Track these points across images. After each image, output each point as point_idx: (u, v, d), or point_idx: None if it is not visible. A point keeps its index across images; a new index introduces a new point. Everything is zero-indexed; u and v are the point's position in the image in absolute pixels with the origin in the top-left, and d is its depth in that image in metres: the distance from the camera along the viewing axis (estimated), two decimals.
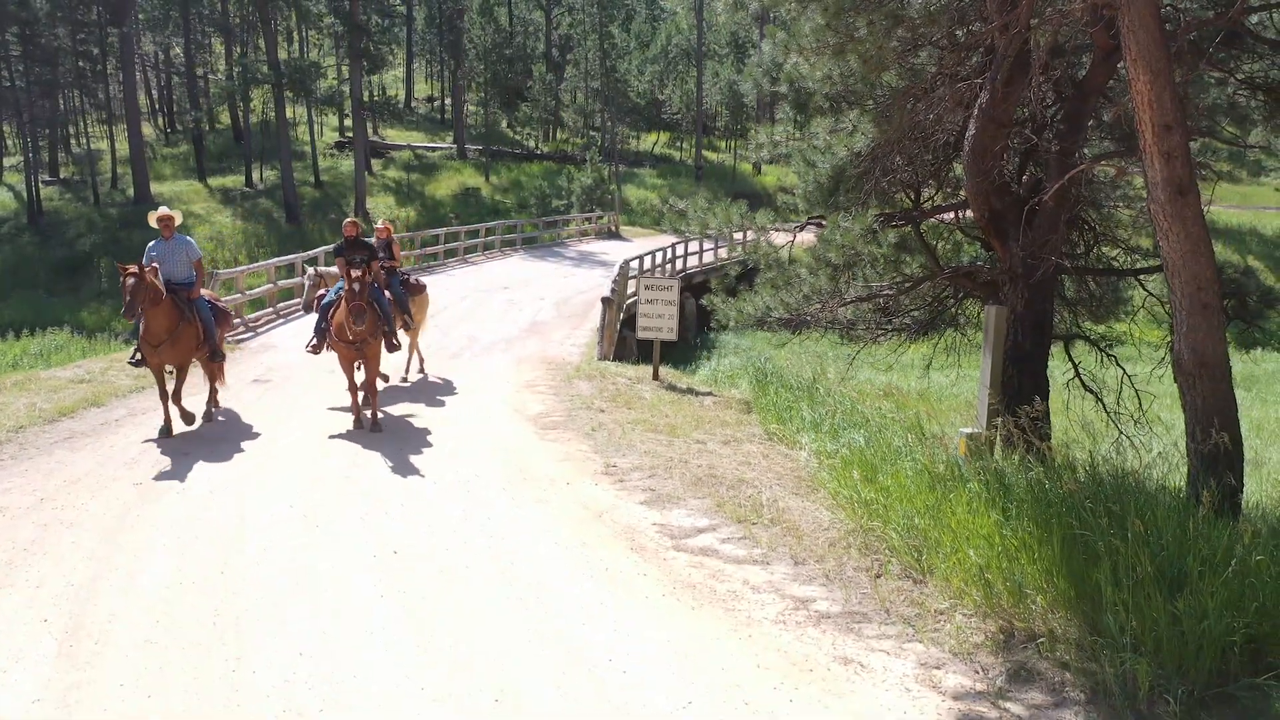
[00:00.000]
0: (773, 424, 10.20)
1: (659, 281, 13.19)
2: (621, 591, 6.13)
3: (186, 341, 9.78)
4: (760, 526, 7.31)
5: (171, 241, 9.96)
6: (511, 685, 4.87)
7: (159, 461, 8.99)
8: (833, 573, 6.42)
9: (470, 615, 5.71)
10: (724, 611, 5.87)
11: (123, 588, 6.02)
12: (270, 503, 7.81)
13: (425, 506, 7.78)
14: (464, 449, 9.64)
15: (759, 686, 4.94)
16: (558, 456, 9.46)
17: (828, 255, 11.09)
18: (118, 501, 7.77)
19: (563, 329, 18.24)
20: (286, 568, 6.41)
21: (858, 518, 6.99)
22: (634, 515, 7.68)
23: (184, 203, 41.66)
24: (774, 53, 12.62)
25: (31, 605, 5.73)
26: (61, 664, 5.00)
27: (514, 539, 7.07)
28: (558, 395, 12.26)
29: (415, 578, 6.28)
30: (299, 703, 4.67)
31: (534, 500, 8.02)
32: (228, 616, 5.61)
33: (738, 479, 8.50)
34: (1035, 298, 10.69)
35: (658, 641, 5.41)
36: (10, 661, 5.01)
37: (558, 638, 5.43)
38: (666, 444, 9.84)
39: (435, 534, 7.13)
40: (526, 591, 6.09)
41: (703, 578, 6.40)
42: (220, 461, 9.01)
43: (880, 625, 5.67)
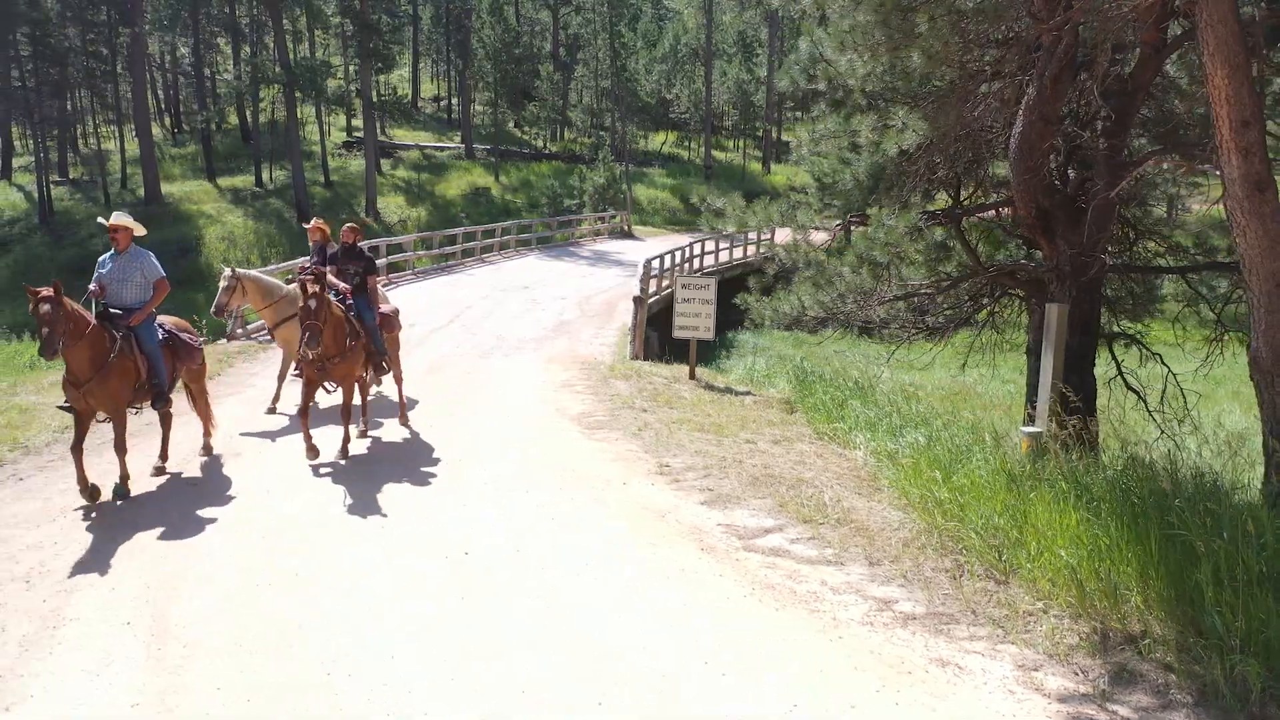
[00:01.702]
0: (822, 423, 10.12)
1: (696, 280, 13.13)
2: (702, 593, 6.06)
3: (119, 381, 7.67)
4: (828, 526, 7.25)
5: (126, 256, 8.10)
6: (612, 689, 4.81)
7: (208, 463, 8.93)
8: (911, 573, 6.36)
9: (553, 618, 5.64)
10: (808, 613, 5.80)
11: (199, 589, 5.96)
12: (329, 503, 7.75)
13: (486, 507, 7.72)
14: (512, 449, 9.57)
15: (861, 689, 4.88)
16: (608, 457, 9.40)
17: (872, 253, 11.02)
18: (176, 502, 7.71)
19: (589, 328, 18.18)
20: (360, 569, 6.34)
21: (930, 517, 6.92)
22: (697, 515, 7.62)
23: (194, 203, 41.63)
24: (812, 50, 12.55)
25: (110, 607, 5.67)
26: (152, 667, 4.94)
27: (582, 540, 7.01)
28: (596, 395, 12.20)
29: (492, 579, 6.21)
30: (403, 707, 4.61)
31: (593, 501, 7.95)
32: (312, 619, 5.55)
33: (796, 479, 8.44)
34: (1082, 296, 10.65)
35: (749, 644, 5.35)
36: (100, 665, 4.95)
37: (646, 640, 5.37)
38: (716, 444, 9.78)
39: (502, 534, 7.06)
40: (606, 593, 6.03)
41: (780, 579, 6.33)
42: (275, 461, 8.95)
43: (969, 626, 5.61)
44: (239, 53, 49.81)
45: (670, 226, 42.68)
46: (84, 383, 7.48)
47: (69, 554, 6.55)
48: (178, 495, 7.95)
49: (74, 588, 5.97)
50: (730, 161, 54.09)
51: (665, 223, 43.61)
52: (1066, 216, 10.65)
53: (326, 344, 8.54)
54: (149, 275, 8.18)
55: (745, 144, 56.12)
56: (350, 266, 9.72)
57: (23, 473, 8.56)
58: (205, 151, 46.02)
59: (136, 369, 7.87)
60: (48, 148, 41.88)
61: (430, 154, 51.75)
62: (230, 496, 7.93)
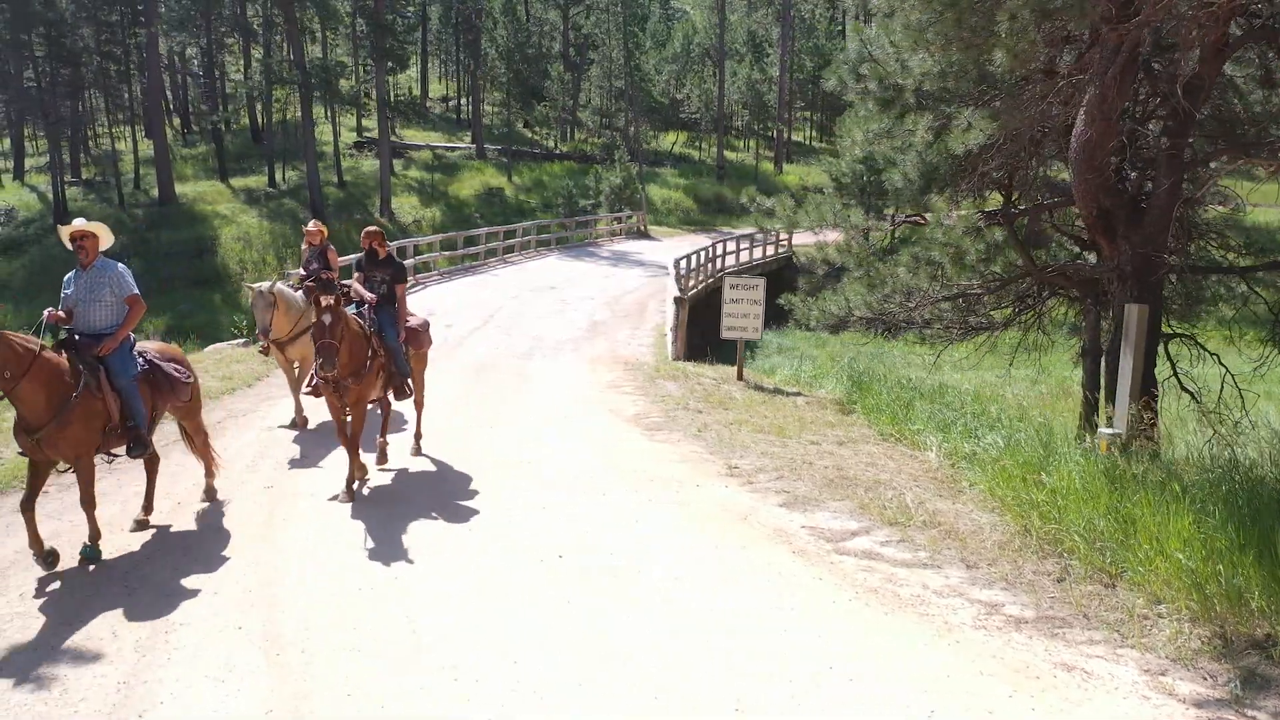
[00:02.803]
0: (886, 425, 10.06)
1: (744, 280, 13.07)
2: (804, 596, 6.00)
3: (83, 426, 6.25)
4: (915, 529, 7.19)
5: (93, 270, 6.63)
6: (746, 694, 4.75)
7: (279, 465, 8.88)
8: (1012, 576, 6.30)
9: (660, 623, 5.58)
10: (918, 617, 5.75)
11: (301, 594, 5.91)
12: (404, 512, 7.70)
13: (566, 510, 7.66)
14: (577, 451, 9.51)
15: (993, 694, 4.82)
16: (674, 458, 9.34)
17: (930, 253, 10.96)
18: (256, 506, 7.66)
19: (623, 329, 18.13)
20: (455, 574, 6.29)
21: (1025, 520, 6.86)
22: (779, 518, 7.56)
23: (208, 203, 41.56)
24: (861, 50, 12.49)
25: (218, 613, 5.61)
26: (277, 674, 4.88)
27: (670, 542, 6.95)
28: (647, 396, 12.14)
29: (591, 584, 6.15)
30: (539, 713, 4.55)
31: (672, 503, 7.90)
32: (423, 623, 5.49)
33: (873, 480, 8.38)
34: (1145, 296, 10.58)
35: (870, 648, 5.29)
36: (225, 671, 4.89)
37: (765, 644, 5.31)
38: (781, 445, 9.72)
39: (592, 536, 7.01)
40: (710, 596, 5.97)
41: (880, 582, 6.28)
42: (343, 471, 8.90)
43: (1083, 630, 5.55)
44: (249, 53, 49.76)
45: (685, 227, 42.61)
46: (38, 429, 6.10)
47: (163, 559, 6.49)
48: (253, 494, 7.89)
49: (179, 591, 5.91)
50: (741, 161, 54.02)
51: (680, 223, 43.53)
52: (1127, 216, 10.58)
53: (342, 364, 7.51)
54: (120, 292, 6.67)
55: (756, 144, 56.02)
56: (376, 274, 8.59)
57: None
58: (218, 152, 45.96)
59: (106, 409, 6.43)
60: (61, 148, 41.80)
61: (441, 154, 51.68)
62: (313, 500, 7.87)
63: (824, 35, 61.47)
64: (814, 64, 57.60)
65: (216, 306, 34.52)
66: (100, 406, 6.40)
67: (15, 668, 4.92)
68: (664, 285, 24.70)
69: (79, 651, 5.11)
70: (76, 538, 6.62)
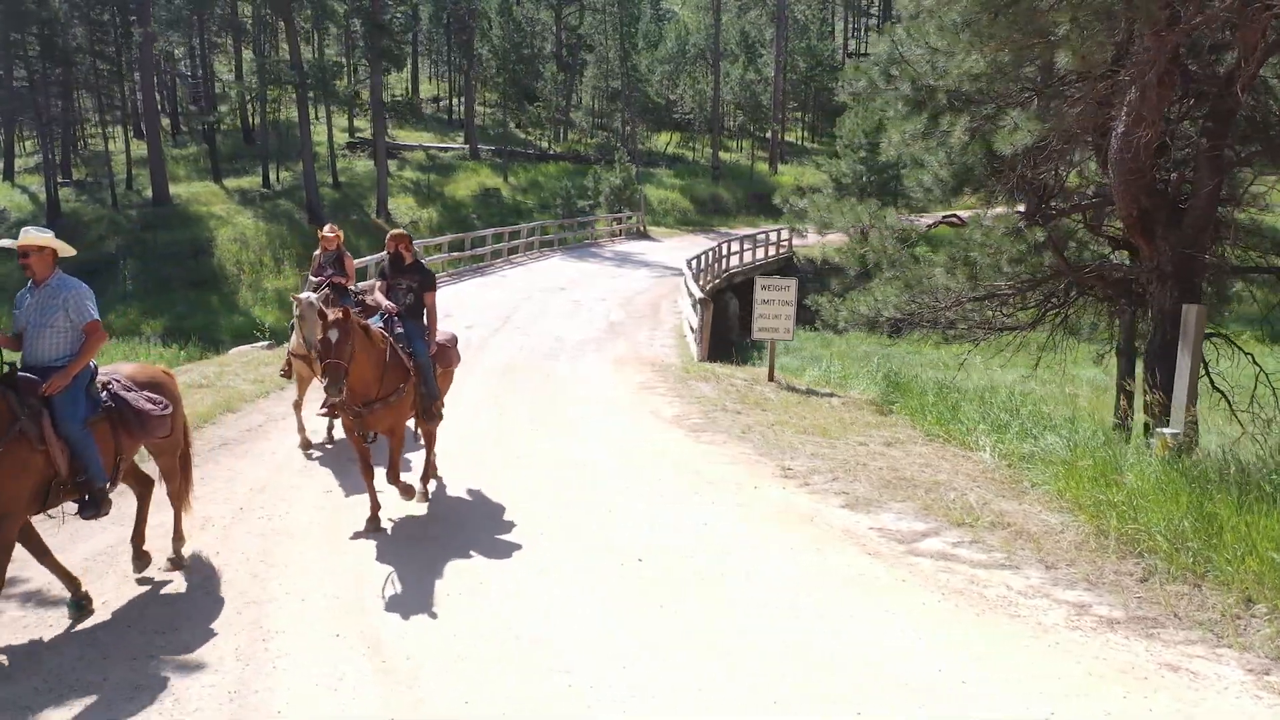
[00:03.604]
0: (932, 425, 10.08)
1: (776, 282, 13.07)
2: (893, 599, 5.99)
3: (11, 479, 5.15)
4: (984, 530, 7.20)
5: (45, 290, 5.56)
6: (864, 700, 4.73)
7: (335, 469, 8.81)
8: (1093, 577, 6.31)
9: (757, 627, 5.56)
10: (1009, 618, 5.74)
11: (387, 599, 5.85)
12: (475, 506, 7.65)
13: (631, 512, 7.62)
14: (627, 452, 9.48)
15: (1106, 695, 4.82)
16: (723, 459, 9.33)
17: (969, 254, 11.00)
18: (318, 510, 7.59)
19: (641, 330, 18.10)
20: (538, 578, 6.25)
21: (1100, 520, 6.88)
22: (844, 519, 7.56)
23: (203, 204, 41.25)
24: (891, 51, 12.52)
25: (309, 620, 5.55)
26: (387, 682, 4.83)
27: (744, 544, 6.93)
28: (682, 397, 12.12)
29: (677, 588, 6.12)
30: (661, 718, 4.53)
31: (735, 505, 7.88)
32: (518, 628, 5.45)
33: (930, 481, 8.39)
34: (1184, 296, 10.65)
35: (972, 650, 5.29)
36: (335, 680, 4.84)
37: (869, 649, 5.30)
38: (829, 446, 9.72)
39: (665, 539, 6.97)
40: (798, 599, 5.95)
41: (963, 583, 6.28)
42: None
43: (1177, 631, 5.56)
44: (241, 53, 49.43)
45: (683, 227, 42.62)
46: None
47: (239, 565, 6.43)
48: (312, 499, 7.82)
49: (264, 598, 5.85)
50: (735, 162, 54.07)
51: (677, 223, 43.54)
52: (1167, 217, 10.66)
53: (362, 385, 6.75)
54: (77, 318, 5.56)
55: (750, 145, 56.08)
56: (402, 281, 7.70)
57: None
58: (211, 152, 45.64)
59: (47, 460, 5.30)
60: (53, 149, 41.39)
61: (434, 154, 51.46)
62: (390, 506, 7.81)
63: (816, 36, 61.63)
64: (807, 65, 57.80)
65: (214, 308, 34.29)
66: (39, 460, 5.24)
67: (121, 677, 4.85)
68: (673, 286, 24.71)
69: (180, 661, 5.04)
70: (158, 542, 6.51)
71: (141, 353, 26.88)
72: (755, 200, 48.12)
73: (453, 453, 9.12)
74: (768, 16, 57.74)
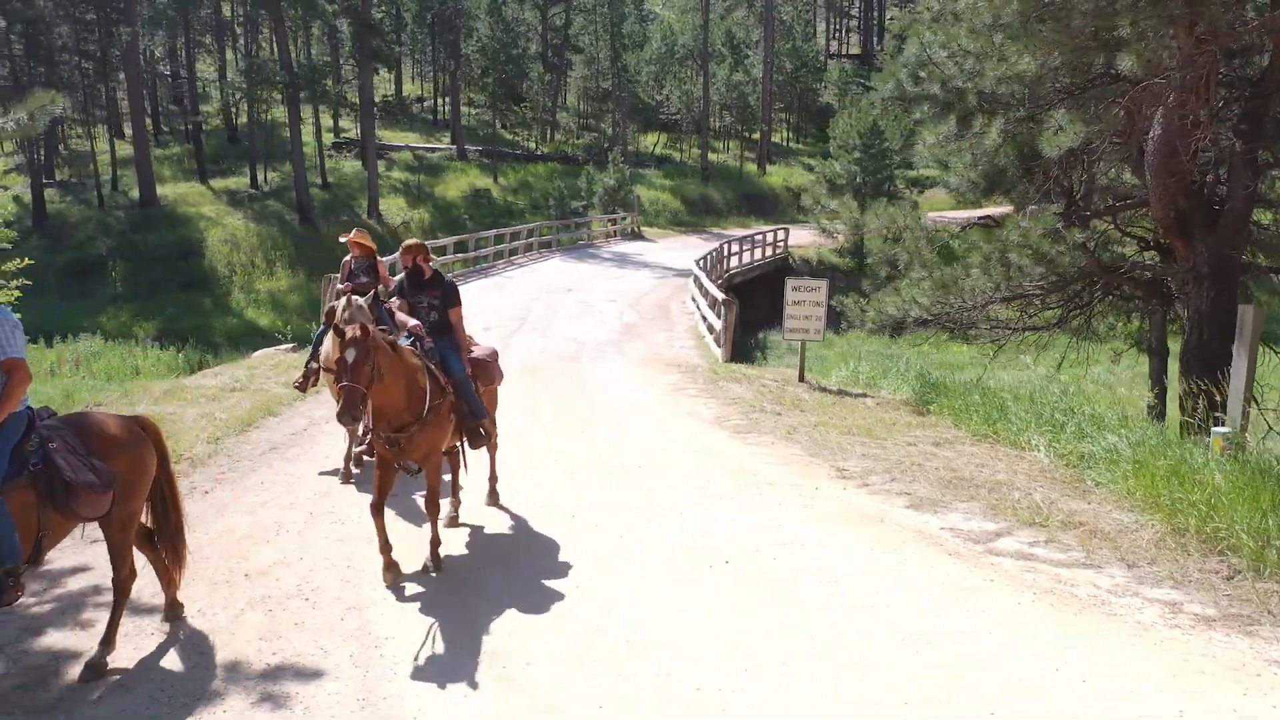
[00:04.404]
0: (979, 425, 10.14)
1: (807, 283, 13.12)
2: (986, 599, 6.01)
3: None
4: (1057, 529, 7.24)
5: None
6: (994, 703, 4.75)
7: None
8: (1178, 575, 6.37)
9: (863, 629, 5.56)
10: (1106, 617, 5.78)
11: (488, 608, 5.81)
12: (543, 512, 7.62)
13: (699, 514, 7.61)
14: (677, 454, 9.47)
15: (1226, 693, 4.86)
16: (775, 460, 9.35)
17: (1006, 255, 11.08)
18: (391, 516, 7.51)
19: (656, 331, 18.11)
20: (629, 581, 6.23)
21: (1176, 519, 6.94)
22: (914, 520, 7.59)
23: (191, 205, 40.80)
24: (920, 53, 12.58)
25: (415, 626, 5.51)
26: (513, 686, 4.80)
27: (823, 546, 6.93)
28: (716, 399, 12.13)
29: (774, 590, 6.11)
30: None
31: (801, 506, 7.88)
32: (623, 633, 5.43)
33: (990, 481, 8.44)
34: (1221, 297, 10.78)
35: (1080, 649, 5.31)
36: (459, 685, 4.80)
37: (978, 650, 5.32)
38: (878, 447, 9.76)
39: (744, 541, 6.96)
40: (895, 601, 5.96)
41: (1050, 583, 6.31)
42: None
43: (1274, 628, 5.62)
44: (224, 53, 48.97)
45: (675, 227, 42.68)
46: None
47: (325, 572, 6.36)
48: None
49: (362, 603, 5.79)
50: (724, 162, 54.19)
51: (669, 223, 43.59)
52: (1203, 219, 10.78)
53: (394, 409, 6.11)
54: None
55: (739, 145, 56.20)
56: (423, 298, 7.02)
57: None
58: (197, 153, 45.18)
59: None
60: (38, 149, 40.80)
61: (421, 155, 51.18)
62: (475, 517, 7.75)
63: (801, 38, 61.90)
64: (793, 65, 58.04)
65: (207, 310, 33.94)
66: None
67: (243, 686, 4.79)
68: (677, 286, 24.76)
69: (296, 668, 4.98)
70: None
71: (139, 355, 26.61)
72: (745, 201, 48.30)
73: (507, 462, 9.06)
74: (755, 18, 57.91)
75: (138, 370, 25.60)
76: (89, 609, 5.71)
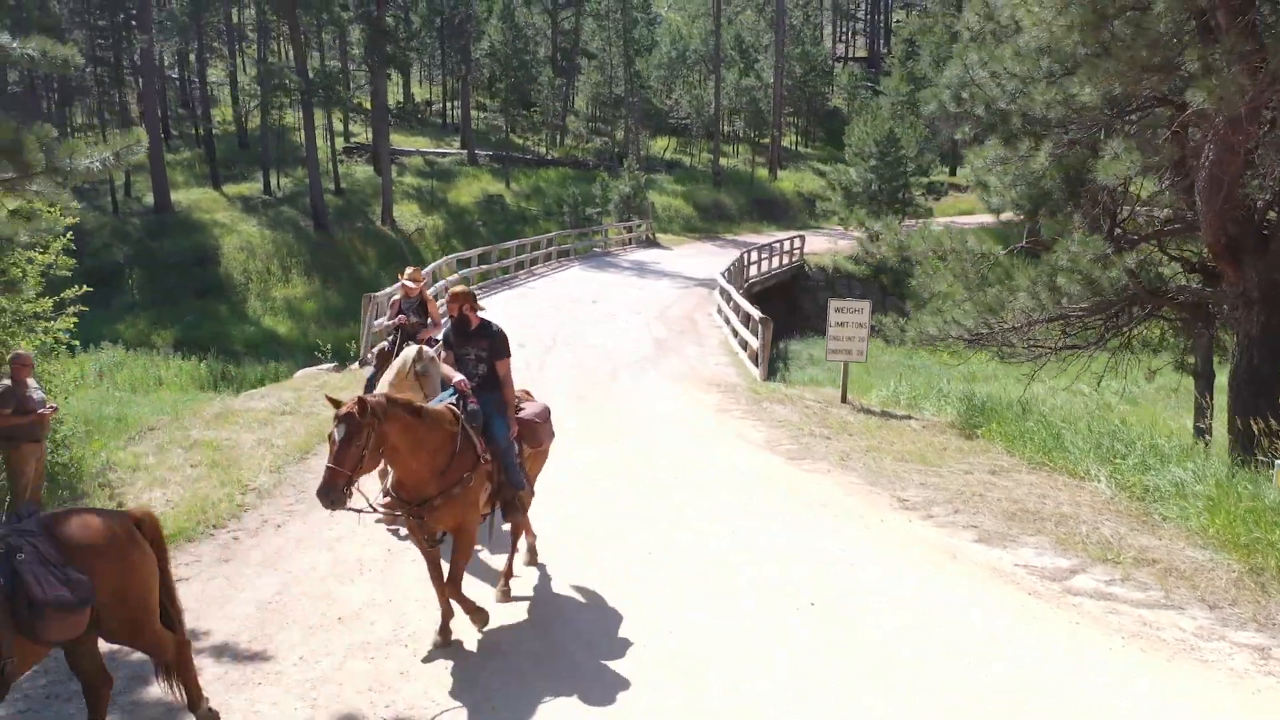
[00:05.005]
0: (1034, 453, 10.18)
1: (849, 304, 13.19)
2: (1076, 642, 6.06)
3: None
4: (1131, 567, 7.28)
5: None
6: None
7: None
8: (1261, 618, 6.41)
9: (969, 677, 5.61)
10: (1198, 663, 5.83)
11: (613, 648, 5.87)
12: (630, 548, 7.67)
13: (771, 547, 7.65)
14: (740, 484, 9.50)
15: None
16: (835, 488, 9.40)
17: (1055, 279, 11.12)
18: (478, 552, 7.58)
19: (688, 345, 18.17)
20: (726, 616, 6.28)
21: (1250, 557, 6.99)
22: (984, 554, 7.64)
23: (205, 211, 40.80)
24: (963, 75, 12.62)
25: (527, 682, 5.56)
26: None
27: (897, 584, 6.97)
28: (763, 420, 12.18)
29: (861, 631, 6.17)
30: None
31: (869, 540, 7.92)
32: (740, 684, 5.48)
33: (1055, 513, 8.48)
34: (1272, 322, 10.81)
35: (1179, 697, 5.37)
36: None
37: (1084, 698, 5.37)
38: (935, 475, 9.80)
39: (824, 579, 7.01)
40: (983, 645, 6.00)
41: (1135, 625, 6.36)
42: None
43: None
44: (235, 58, 48.99)
45: (689, 234, 42.66)
46: None
47: (423, 613, 6.42)
48: None
49: (460, 658, 5.84)
50: (734, 167, 54.17)
51: (682, 230, 43.55)
52: (1254, 244, 10.81)
53: (414, 481, 5.71)
54: None
55: (750, 150, 56.21)
56: (469, 350, 6.50)
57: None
58: (210, 159, 45.17)
59: None
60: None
61: (432, 160, 51.20)
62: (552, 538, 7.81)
63: (810, 42, 61.91)
64: (803, 70, 58.06)
65: (224, 317, 33.97)
66: None
67: None
68: (700, 297, 24.81)
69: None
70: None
71: (161, 366, 26.66)
72: (757, 206, 48.30)
73: (565, 488, 9.11)
74: (765, 23, 57.93)
75: (160, 381, 25.68)
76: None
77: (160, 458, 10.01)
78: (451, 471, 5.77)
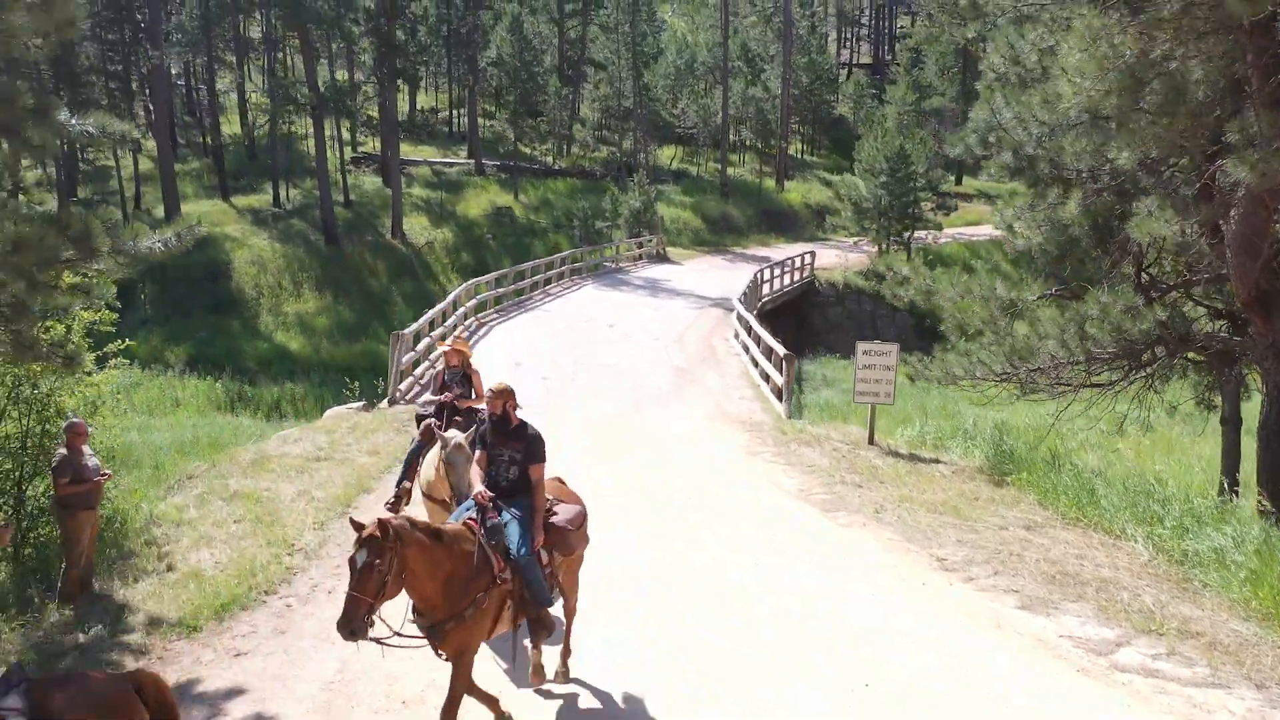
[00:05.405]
0: (1067, 508, 10.28)
1: (877, 347, 13.30)
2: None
3: None
4: (1174, 639, 7.37)
5: None
6: None
7: None
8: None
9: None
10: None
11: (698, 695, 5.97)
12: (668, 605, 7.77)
13: (823, 614, 7.75)
14: (778, 539, 9.60)
15: None
16: (872, 545, 9.50)
17: (1085, 328, 11.24)
18: None
19: (709, 373, 18.31)
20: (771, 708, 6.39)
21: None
22: (1028, 623, 7.73)
23: (215, 224, 40.76)
24: (990, 119, 12.72)
25: None
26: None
27: (947, 658, 7.06)
28: (793, 465, 12.28)
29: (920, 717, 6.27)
30: None
31: (915, 613, 7.98)
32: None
33: (1095, 578, 8.56)
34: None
35: None
36: None
37: None
38: (970, 531, 9.89)
39: (874, 657, 7.11)
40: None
41: (1185, 708, 6.45)
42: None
43: None
44: (244, 71, 49.11)
45: (697, 247, 42.75)
46: None
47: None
48: None
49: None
50: (741, 178, 54.25)
51: (691, 243, 43.63)
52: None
53: (426, 604, 5.47)
54: None
55: (758, 160, 56.32)
56: (504, 451, 6.28)
57: None
58: (219, 171, 45.25)
59: None
60: (63, 168, 41.01)
61: (439, 170, 51.28)
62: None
63: (816, 50, 62.04)
64: (810, 79, 58.21)
65: (236, 333, 34.04)
66: None
67: None
68: (715, 318, 24.94)
69: None
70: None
71: (177, 386, 26.75)
72: (765, 218, 48.36)
73: (610, 549, 9.20)
74: (773, 32, 58.01)
75: (178, 402, 25.77)
76: None
77: (202, 511, 10.10)
78: (465, 594, 5.50)
